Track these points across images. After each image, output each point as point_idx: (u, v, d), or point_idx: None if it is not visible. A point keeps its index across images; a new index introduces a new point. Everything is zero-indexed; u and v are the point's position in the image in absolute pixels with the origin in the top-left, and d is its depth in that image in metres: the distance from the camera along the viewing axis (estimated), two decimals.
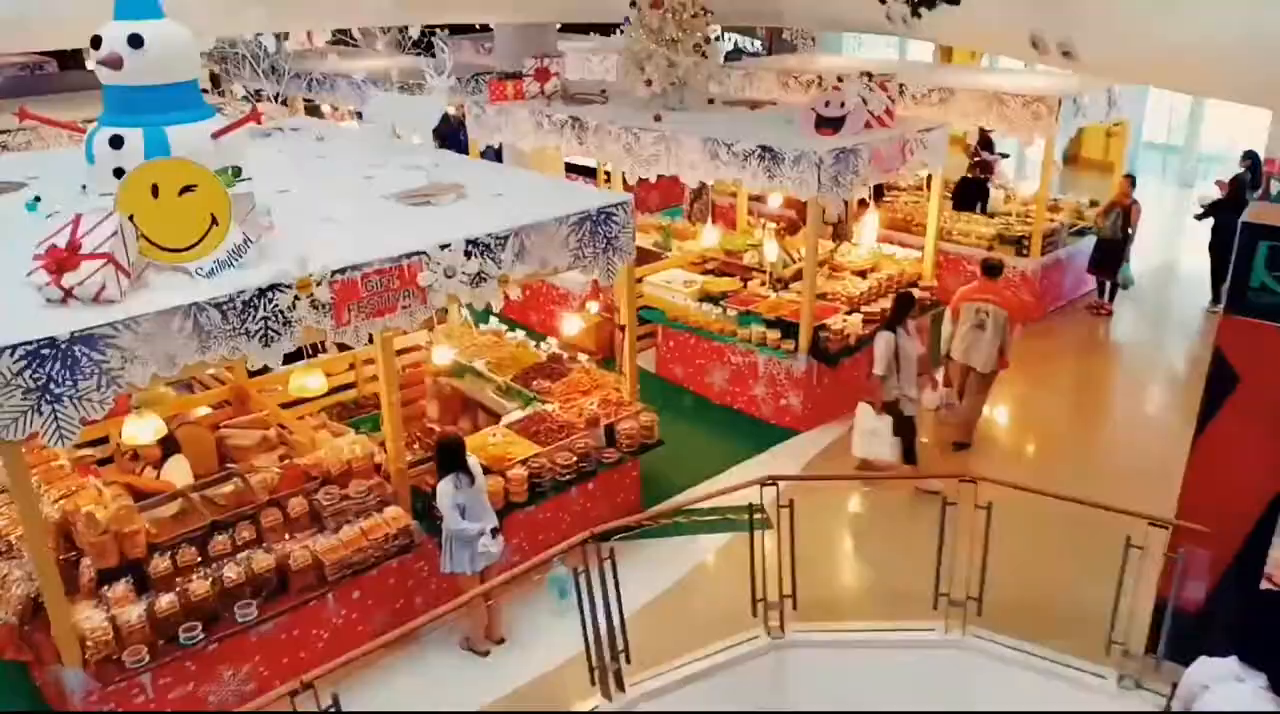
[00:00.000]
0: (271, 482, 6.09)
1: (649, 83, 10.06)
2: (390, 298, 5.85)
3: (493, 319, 9.35)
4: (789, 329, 9.03)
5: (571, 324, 9.16)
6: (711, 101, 10.56)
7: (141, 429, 5.75)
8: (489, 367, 8.15)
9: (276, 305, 5.36)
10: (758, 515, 5.97)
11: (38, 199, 6.28)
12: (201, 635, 5.38)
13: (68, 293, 4.91)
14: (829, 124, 8.88)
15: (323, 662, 5.99)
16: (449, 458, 6.01)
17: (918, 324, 8.48)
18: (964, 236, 11.75)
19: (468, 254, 6.11)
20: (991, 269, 8.63)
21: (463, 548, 6.07)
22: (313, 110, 16.39)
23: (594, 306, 9.02)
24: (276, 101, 12.47)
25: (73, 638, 5.14)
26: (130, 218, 5.21)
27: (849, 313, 9.27)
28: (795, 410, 9.23)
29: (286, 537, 5.90)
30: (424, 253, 5.91)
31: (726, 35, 20.07)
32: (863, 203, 10.81)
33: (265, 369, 8.52)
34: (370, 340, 6.01)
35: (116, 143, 5.96)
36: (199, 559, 5.60)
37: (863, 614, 6.71)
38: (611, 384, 7.78)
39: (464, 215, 6.52)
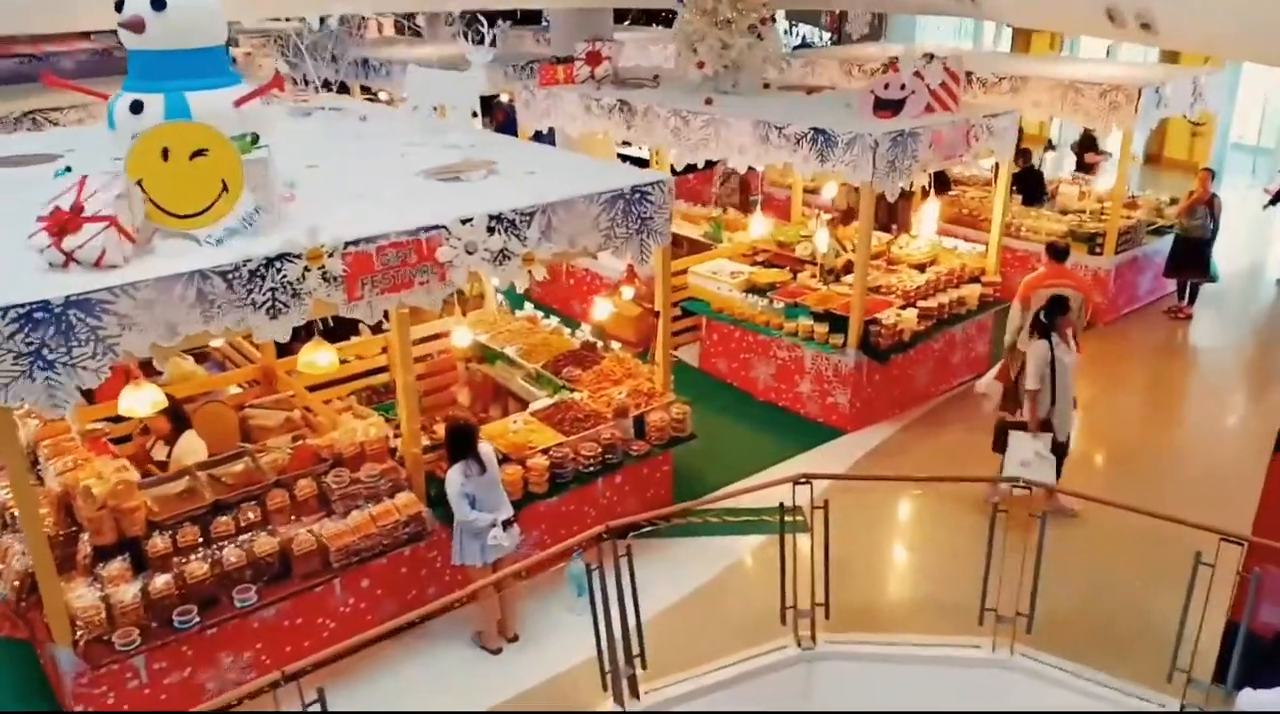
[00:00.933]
0: (282, 462, 5.88)
1: (700, 65, 9.69)
2: (407, 273, 5.58)
3: (528, 305, 9.06)
4: (838, 323, 8.58)
5: (602, 309, 8.77)
6: (767, 86, 10.14)
7: (139, 400, 5.59)
8: (520, 353, 7.86)
9: (285, 276, 5.12)
10: (790, 517, 5.57)
11: (68, 169, 6.16)
12: (196, 619, 5.18)
13: (69, 257, 4.74)
14: (888, 106, 8.41)
15: (301, 641, 5.81)
16: (458, 444, 5.73)
17: (1072, 329, 7.44)
18: (1033, 233, 11.13)
19: (490, 230, 5.82)
20: (1058, 252, 8.16)
21: (473, 539, 5.78)
22: (372, 98, 16.37)
23: (628, 292, 8.66)
24: (333, 90, 12.40)
25: (64, 616, 4.97)
26: (139, 183, 5.03)
27: (904, 307, 8.77)
28: (842, 409, 8.77)
29: (293, 520, 5.67)
30: (444, 227, 5.63)
31: (794, 29, 19.60)
32: (924, 192, 10.25)
33: (293, 349, 8.44)
34: (386, 318, 5.75)
35: (136, 108, 5.79)
36: (200, 540, 5.40)
37: (901, 626, 6.27)
38: (645, 374, 7.43)
39: (492, 191, 6.23)
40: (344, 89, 14.53)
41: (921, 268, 9.58)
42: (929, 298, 9.02)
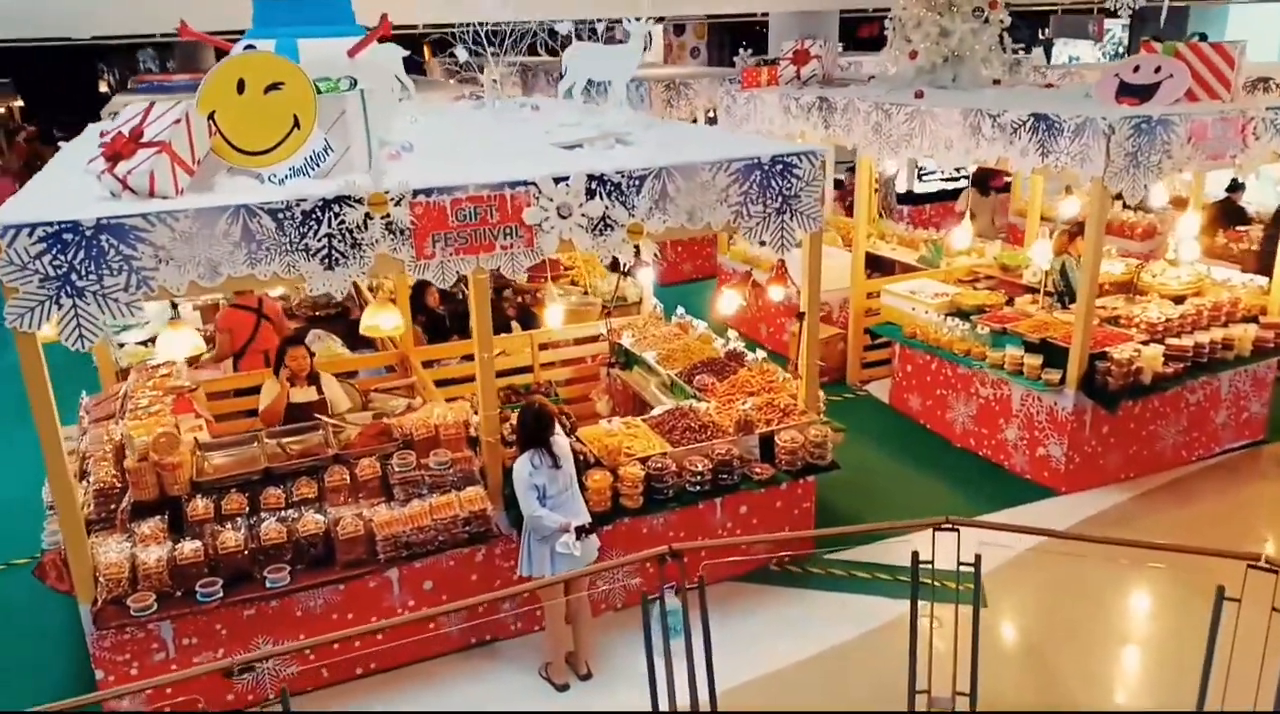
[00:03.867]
0: (350, 439, 5.34)
1: (913, 55, 8.47)
2: (487, 233, 4.90)
3: (680, 309, 8.15)
4: (1056, 356, 6.98)
5: (729, 301, 7.64)
6: (997, 82, 8.71)
7: (177, 342, 5.23)
8: (658, 359, 6.97)
9: (344, 222, 4.59)
10: (931, 577, 4.28)
11: None
12: (220, 594, 4.68)
13: (124, 183, 4.47)
14: (1134, 92, 6.81)
15: (351, 640, 5.15)
16: (530, 430, 4.93)
17: None
18: None
19: (590, 192, 5.03)
20: None
21: (541, 544, 4.93)
22: None
23: (776, 293, 7.50)
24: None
25: (88, 571, 4.64)
26: (211, 115, 4.72)
27: (1146, 342, 7.02)
28: (1056, 464, 7.12)
29: (350, 501, 5.10)
30: (532, 183, 4.91)
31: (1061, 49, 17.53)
32: (1180, 203, 8.32)
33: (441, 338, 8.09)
34: (465, 284, 5.10)
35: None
36: (246, 509, 4.94)
37: None
38: (789, 389, 6.30)
39: (610, 157, 5.46)
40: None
41: (1180, 301, 7.71)
42: (1182, 335, 7.18)
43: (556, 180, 4.95)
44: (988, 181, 11.93)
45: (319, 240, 4.58)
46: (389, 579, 5.18)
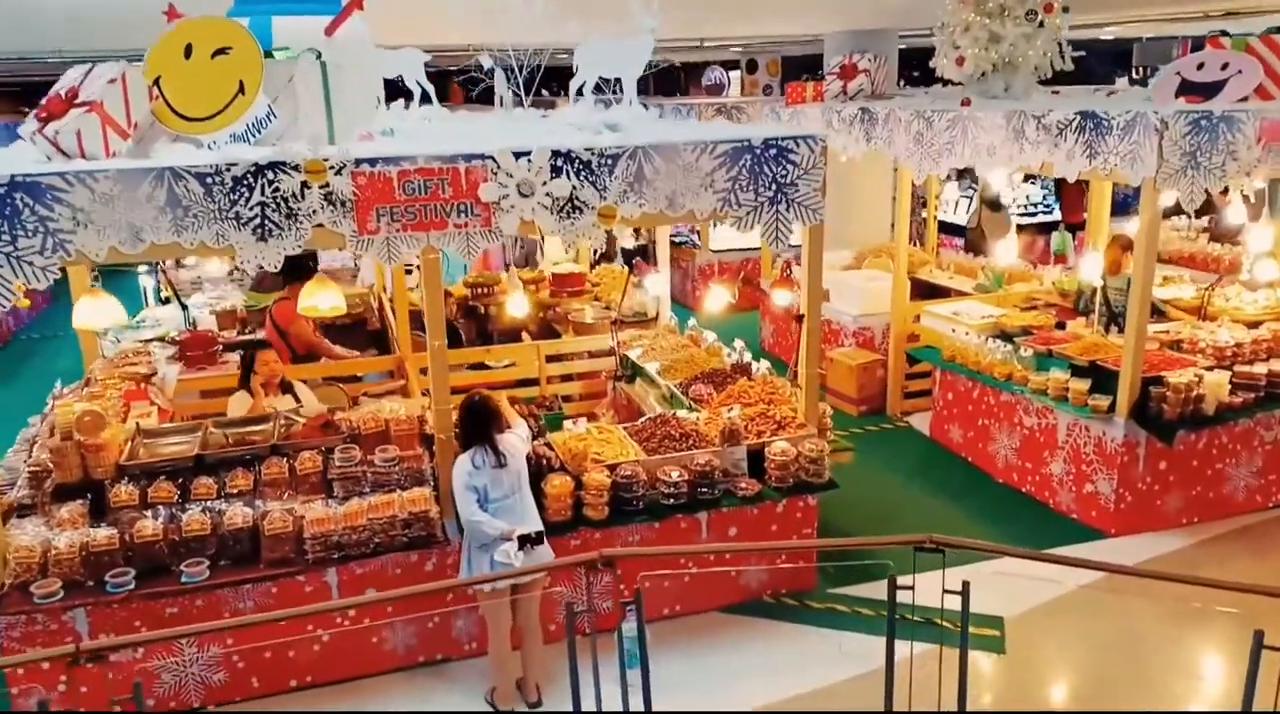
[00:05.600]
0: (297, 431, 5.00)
1: (960, 62, 7.88)
2: (439, 210, 4.54)
3: (692, 321, 7.64)
4: (1106, 381, 6.23)
5: (719, 298, 7.01)
6: (1056, 93, 8.05)
7: (95, 311, 4.91)
8: (660, 370, 6.47)
9: (278, 190, 4.29)
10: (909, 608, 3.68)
11: None
12: (131, 585, 4.34)
13: (55, 144, 4.26)
14: (1197, 90, 6.12)
15: (284, 649, 4.77)
16: (472, 426, 4.50)
17: None
18: None
19: (556, 170, 4.63)
20: None
21: (480, 553, 4.46)
22: None
23: (782, 298, 6.88)
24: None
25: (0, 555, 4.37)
26: (157, 81, 4.50)
27: (1210, 369, 6.21)
28: (1105, 501, 6.32)
29: (288, 496, 4.73)
30: (489, 157, 4.54)
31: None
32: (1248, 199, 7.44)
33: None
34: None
35: None
36: (175, 498, 4.61)
37: None
38: (791, 402, 5.71)
39: (578, 136, 5.05)
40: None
41: (1256, 326, 6.85)
42: (1255, 362, 6.34)
43: (517, 155, 4.58)
44: (998, 199, 11.35)
45: (251, 209, 4.28)
46: (326, 583, 4.77)
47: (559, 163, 4.64)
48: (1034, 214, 15.28)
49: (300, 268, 6.71)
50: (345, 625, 4.85)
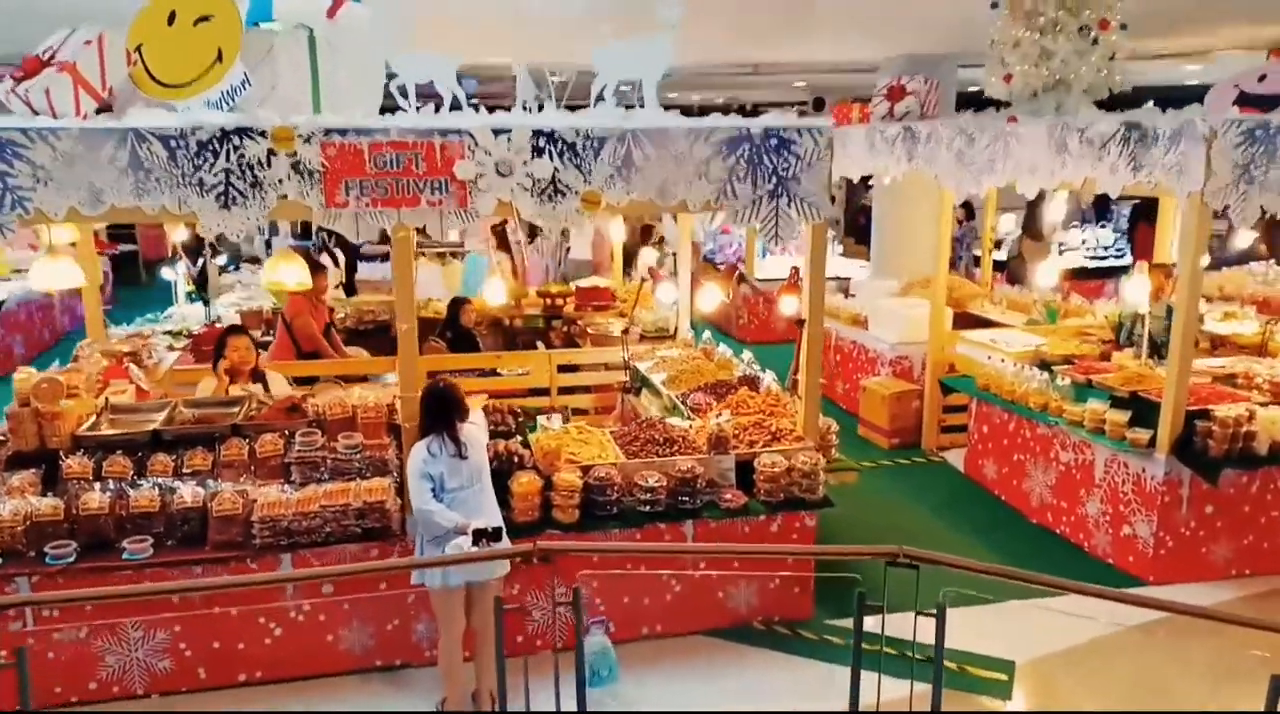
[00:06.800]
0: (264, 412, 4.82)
1: (1008, 79, 7.48)
2: (411, 185, 4.35)
3: (707, 333, 7.31)
4: (1148, 415, 5.70)
5: (712, 297, 6.63)
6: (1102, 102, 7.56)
7: (52, 273, 4.77)
8: (665, 382, 6.16)
9: (244, 156, 4.16)
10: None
11: None
12: (71, 558, 4.18)
13: (27, 103, 4.22)
14: (1256, 103, 5.67)
15: (234, 641, 4.55)
16: (433, 412, 4.24)
17: None
18: None
19: (537, 150, 4.41)
20: None
21: (432, 546, 4.18)
22: None
23: (789, 304, 6.46)
24: None
25: None
26: (139, 48, 4.44)
27: (1264, 405, 5.64)
28: (1143, 546, 5.76)
29: (245, 477, 4.54)
30: (467, 133, 4.35)
31: None
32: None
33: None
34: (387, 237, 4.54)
35: None
36: (129, 473, 4.46)
37: None
38: (794, 413, 5.33)
39: (565, 116, 4.85)
40: None
41: None
42: None
43: (497, 132, 4.37)
44: (1039, 227, 10.98)
45: (215, 175, 4.16)
46: (276, 567, 4.54)
47: (541, 143, 4.42)
48: (1103, 258, 14.60)
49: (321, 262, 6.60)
50: (299, 619, 4.63)
